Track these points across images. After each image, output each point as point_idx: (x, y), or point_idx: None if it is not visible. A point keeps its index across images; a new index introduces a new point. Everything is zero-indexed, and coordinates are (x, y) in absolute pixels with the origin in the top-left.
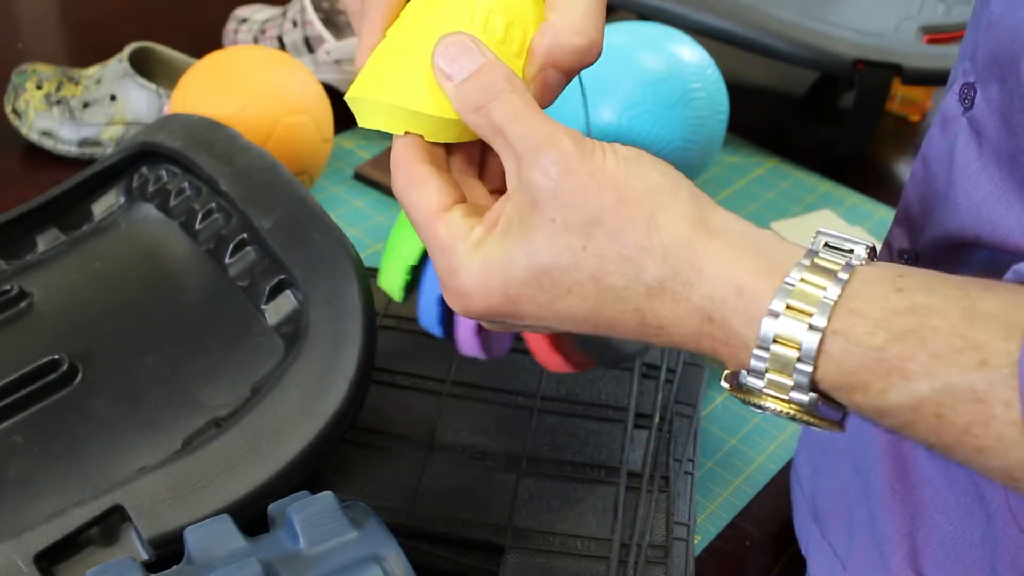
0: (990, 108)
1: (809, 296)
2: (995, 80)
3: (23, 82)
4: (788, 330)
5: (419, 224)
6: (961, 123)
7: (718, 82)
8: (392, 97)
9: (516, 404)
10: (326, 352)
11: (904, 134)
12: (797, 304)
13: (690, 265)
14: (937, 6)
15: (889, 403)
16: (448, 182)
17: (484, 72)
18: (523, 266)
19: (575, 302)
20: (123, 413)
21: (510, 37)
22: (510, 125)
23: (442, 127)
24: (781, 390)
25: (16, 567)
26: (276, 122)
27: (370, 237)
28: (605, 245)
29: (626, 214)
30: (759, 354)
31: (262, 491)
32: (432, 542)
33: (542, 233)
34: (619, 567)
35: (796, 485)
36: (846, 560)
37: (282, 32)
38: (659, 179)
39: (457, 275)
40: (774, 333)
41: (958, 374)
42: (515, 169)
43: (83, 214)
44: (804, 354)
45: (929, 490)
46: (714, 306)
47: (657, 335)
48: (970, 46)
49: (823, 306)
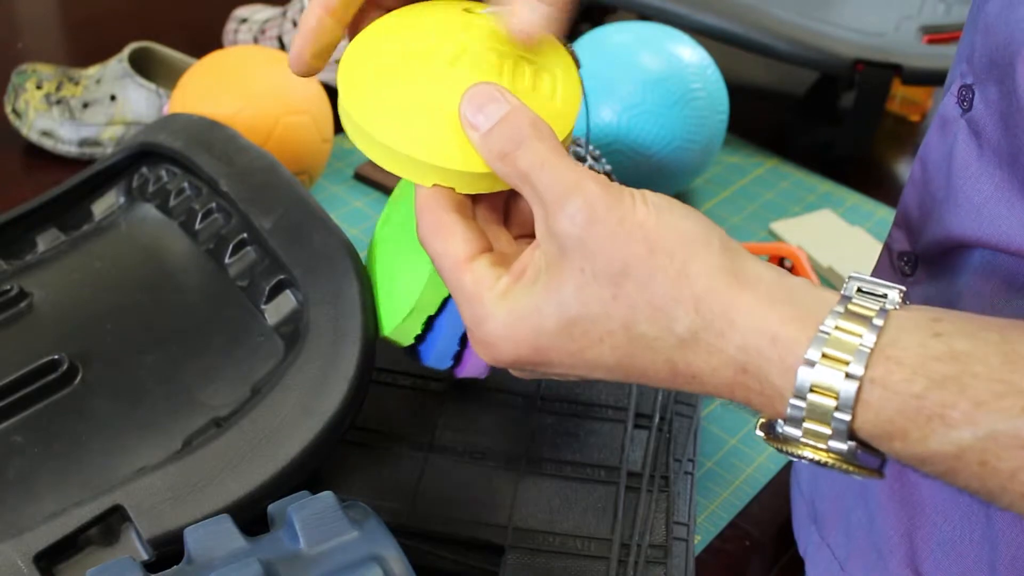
0: (989, 109)
1: (845, 344)
2: (993, 82)
3: (23, 82)
4: (825, 379)
5: (445, 273)
6: (960, 125)
7: (718, 82)
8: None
9: (516, 404)
10: (326, 352)
11: (904, 134)
12: (833, 352)
13: (723, 316)
14: (937, 6)
15: (931, 451)
16: (474, 230)
17: (509, 120)
18: (552, 317)
19: (605, 352)
20: (123, 413)
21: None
22: (537, 173)
23: (473, 181)
24: (819, 439)
25: (16, 567)
26: (276, 122)
27: (370, 237)
28: (636, 295)
29: (657, 264)
30: (796, 404)
31: (262, 491)
32: (432, 542)
33: (571, 283)
34: (619, 567)
35: (795, 487)
36: (844, 562)
37: (282, 32)
38: (691, 227)
39: (484, 325)
40: (811, 382)
41: (1002, 420)
42: (543, 217)
43: (83, 214)
44: (842, 403)
45: (928, 491)
46: (748, 357)
47: (689, 384)
48: (967, 48)
49: (860, 354)
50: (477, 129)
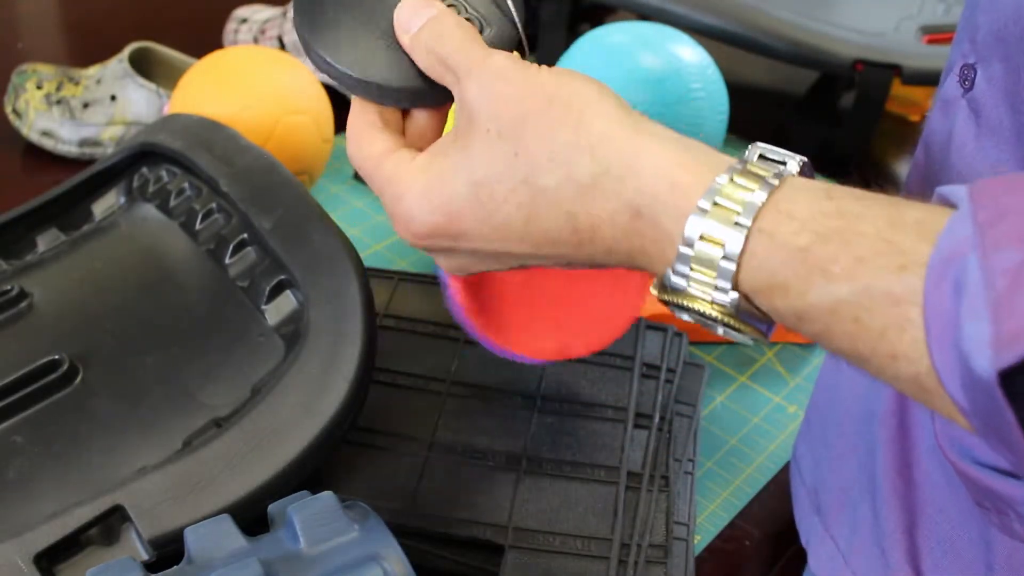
0: (992, 87)
1: (736, 197)
2: (998, 59)
3: (23, 82)
4: (714, 227)
5: (369, 173)
6: (960, 104)
7: (718, 82)
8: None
9: (516, 404)
10: (326, 352)
11: (904, 134)
12: (725, 203)
13: (620, 159)
14: (937, 6)
15: (809, 304)
16: (397, 136)
17: (437, 18)
18: (462, 179)
19: (512, 212)
20: (123, 413)
21: None
22: (455, 56)
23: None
24: (705, 289)
25: (16, 567)
26: (276, 122)
27: (370, 237)
28: (535, 147)
29: (555, 115)
30: (684, 251)
31: (262, 491)
32: (432, 542)
33: (477, 144)
34: (619, 567)
35: (796, 476)
36: (848, 555)
37: (282, 32)
38: (590, 86)
39: (402, 200)
40: (700, 231)
41: (878, 277)
42: (458, 94)
43: (83, 214)
44: (728, 252)
45: (929, 489)
46: (644, 200)
47: (591, 241)
48: (969, 27)
49: (750, 206)
50: (408, 31)
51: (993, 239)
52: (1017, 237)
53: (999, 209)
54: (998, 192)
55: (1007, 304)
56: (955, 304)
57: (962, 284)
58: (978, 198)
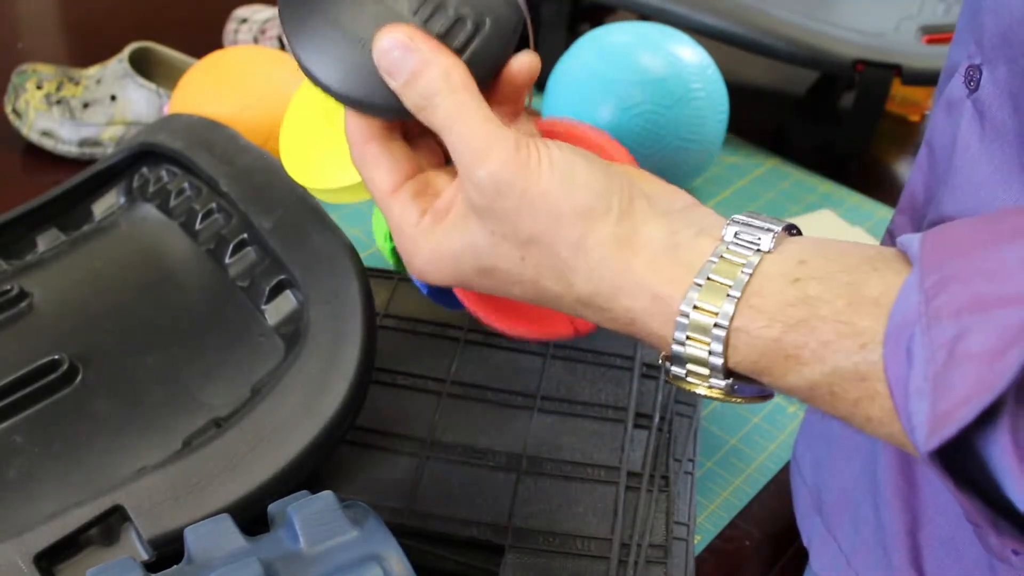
0: (997, 89)
1: (715, 296)
2: (1003, 60)
3: (23, 82)
4: (697, 329)
5: (376, 200)
6: (966, 106)
7: (718, 82)
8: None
9: (516, 404)
10: (326, 352)
11: (904, 134)
12: (704, 305)
13: (612, 284)
14: (937, 6)
15: (790, 384)
16: (398, 156)
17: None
18: (470, 263)
19: (518, 293)
20: (123, 413)
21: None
22: (447, 133)
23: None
24: (701, 378)
25: (16, 567)
26: (276, 122)
27: (370, 237)
28: (541, 259)
29: (559, 236)
30: (677, 351)
31: (262, 491)
32: (432, 542)
33: (484, 240)
34: (619, 567)
35: (797, 476)
36: (851, 555)
37: (282, 32)
38: (591, 199)
39: (412, 257)
40: (686, 333)
41: (844, 358)
42: (459, 172)
43: (83, 214)
44: (713, 349)
45: (930, 490)
46: (634, 315)
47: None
48: (974, 29)
49: (727, 305)
50: (395, 80)
51: (935, 309)
52: (955, 309)
53: (943, 275)
54: (945, 254)
55: (943, 382)
56: (908, 373)
57: (912, 354)
58: (927, 261)
